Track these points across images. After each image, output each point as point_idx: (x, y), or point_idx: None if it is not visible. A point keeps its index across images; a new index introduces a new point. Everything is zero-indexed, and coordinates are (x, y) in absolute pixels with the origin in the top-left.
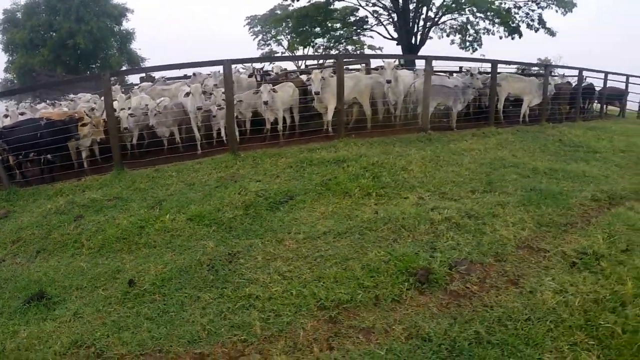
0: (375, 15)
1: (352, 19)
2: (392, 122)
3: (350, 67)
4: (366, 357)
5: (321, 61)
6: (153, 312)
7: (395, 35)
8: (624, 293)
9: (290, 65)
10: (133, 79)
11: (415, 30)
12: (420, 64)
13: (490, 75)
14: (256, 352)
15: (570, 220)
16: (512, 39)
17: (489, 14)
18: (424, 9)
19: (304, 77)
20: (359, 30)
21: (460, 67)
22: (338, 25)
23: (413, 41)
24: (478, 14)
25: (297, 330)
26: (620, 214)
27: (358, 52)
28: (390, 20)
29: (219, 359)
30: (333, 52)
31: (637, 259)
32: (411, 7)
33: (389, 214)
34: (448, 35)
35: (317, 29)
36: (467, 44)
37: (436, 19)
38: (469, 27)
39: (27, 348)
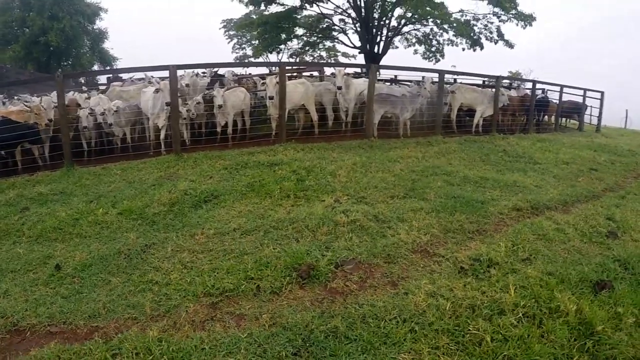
0: (341, 25)
1: (319, 26)
2: (342, 129)
3: (305, 74)
4: (227, 339)
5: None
6: (69, 292)
7: (359, 44)
8: (504, 301)
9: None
10: (103, 79)
11: (378, 39)
12: (385, 73)
13: (447, 85)
14: (139, 328)
15: (481, 227)
16: (474, 50)
17: (445, 26)
18: (385, 18)
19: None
20: (322, 38)
21: (423, 77)
22: (301, 32)
23: (376, 50)
24: (442, 25)
25: (180, 312)
26: (534, 224)
27: (332, 59)
28: (355, 29)
29: (109, 332)
30: (307, 57)
31: (532, 269)
32: (375, 16)
33: (298, 214)
34: (412, 45)
35: (282, 36)
36: (430, 54)
37: (399, 29)
38: (431, 37)
39: None
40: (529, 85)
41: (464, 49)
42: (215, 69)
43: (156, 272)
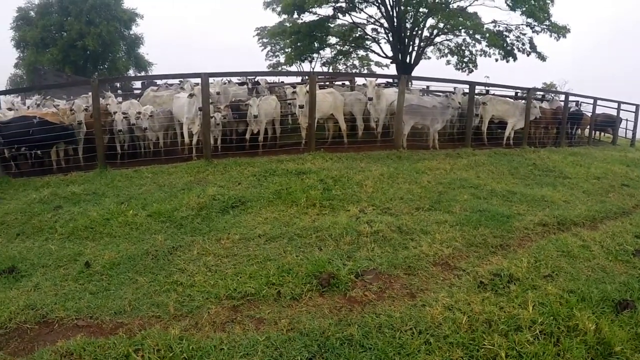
0: (373, 34)
1: (352, 36)
2: (371, 139)
3: (337, 83)
4: (246, 341)
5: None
6: (97, 288)
7: (391, 54)
8: (522, 318)
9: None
10: (138, 84)
11: (410, 49)
12: (417, 84)
13: (476, 96)
14: (162, 326)
15: (505, 242)
16: (507, 61)
17: (478, 36)
18: (418, 29)
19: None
20: (355, 47)
21: (455, 88)
22: (334, 41)
23: (408, 60)
24: (475, 36)
25: (202, 313)
26: (559, 240)
27: (365, 68)
28: (387, 39)
29: (133, 328)
30: (340, 66)
31: (552, 286)
32: (408, 26)
33: (323, 223)
34: (445, 56)
35: (315, 44)
36: (463, 65)
37: (432, 39)
38: (464, 48)
39: None
40: (562, 97)
41: (497, 60)
42: (252, 77)
43: (181, 274)
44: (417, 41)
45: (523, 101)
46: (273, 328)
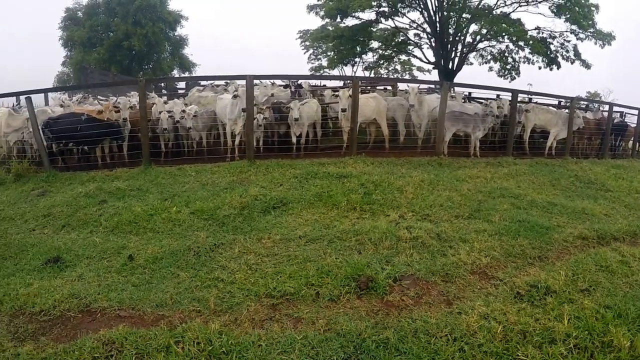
0: (416, 39)
1: (394, 40)
2: (412, 145)
3: (379, 88)
4: (283, 339)
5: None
6: (139, 281)
7: (433, 59)
8: (557, 330)
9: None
10: (182, 84)
11: (453, 55)
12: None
13: (518, 104)
14: (202, 320)
15: (543, 254)
16: (550, 69)
17: (521, 43)
18: (460, 34)
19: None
20: (397, 52)
21: (498, 95)
22: (376, 45)
23: (450, 66)
24: (518, 42)
25: (241, 310)
26: (598, 254)
27: (407, 73)
28: (429, 44)
29: (174, 321)
30: (382, 71)
31: (589, 300)
32: (450, 31)
33: (362, 227)
34: (487, 62)
35: (358, 48)
36: (506, 72)
37: (474, 45)
38: (507, 55)
39: (35, 295)
40: (606, 107)
41: (540, 68)
42: (295, 81)
43: (222, 271)
44: (459, 47)
45: (566, 110)
46: (310, 328)
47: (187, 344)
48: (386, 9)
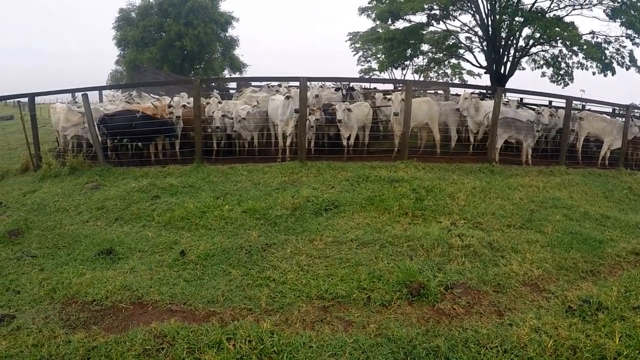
0: (467, 43)
1: (445, 43)
2: (464, 150)
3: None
4: (334, 341)
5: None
6: (191, 276)
7: (484, 63)
8: (607, 348)
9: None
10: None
11: (505, 59)
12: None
13: (575, 112)
14: (254, 318)
15: (595, 268)
16: (605, 75)
17: (575, 47)
18: (513, 38)
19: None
20: (448, 55)
21: (550, 102)
22: (426, 48)
23: (502, 70)
24: (572, 47)
25: (292, 310)
26: None
27: (457, 77)
28: (481, 48)
29: (225, 318)
30: (432, 74)
31: None
32: (503, 35)
33: (414, 233)
34: (540, 67)
35: (408, 51)
36: (559, 77)
37: (527, 49)
38: (560, 60)
39: (87, 285)
40: None
41: (594, 73)
42: (347, 83)
43: (274, 270)
44: (512, 51)
45: (621, 119)
46: (361, 331)
47: (238, 341)
48: (437, 12)
